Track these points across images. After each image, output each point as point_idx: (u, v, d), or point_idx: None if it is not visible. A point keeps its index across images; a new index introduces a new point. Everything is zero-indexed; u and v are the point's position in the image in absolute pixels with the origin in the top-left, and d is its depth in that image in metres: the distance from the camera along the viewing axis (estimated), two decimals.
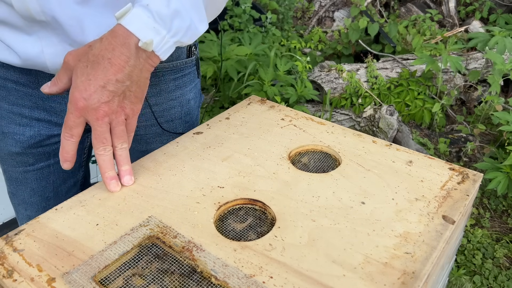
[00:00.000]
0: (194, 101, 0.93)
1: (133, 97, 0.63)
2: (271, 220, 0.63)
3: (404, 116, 2.46)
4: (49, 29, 0.68)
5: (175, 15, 0.61)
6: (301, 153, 0.78)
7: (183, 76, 0.88)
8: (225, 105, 2.41)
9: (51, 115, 0.82)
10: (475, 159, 2.20)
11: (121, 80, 0.60)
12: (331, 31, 3.33)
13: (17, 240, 0.58)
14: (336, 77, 2.46)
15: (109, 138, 0.64)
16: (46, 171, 0.88)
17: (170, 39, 0.61)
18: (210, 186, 0.68)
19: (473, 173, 0.71)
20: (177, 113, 0.90)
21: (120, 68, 0.59)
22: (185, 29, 0.63)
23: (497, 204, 2.04)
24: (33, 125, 0.82)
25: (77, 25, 0.67)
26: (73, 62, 0.62)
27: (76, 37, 0.68)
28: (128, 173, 0.67)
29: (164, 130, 0.89)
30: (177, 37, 0.62)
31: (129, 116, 0.64)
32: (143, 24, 0.59)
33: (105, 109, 0.61)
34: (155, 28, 0.59)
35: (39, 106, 0.81)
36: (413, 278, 0.53)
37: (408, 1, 3.55)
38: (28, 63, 0.72)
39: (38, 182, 0.89)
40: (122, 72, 0.60)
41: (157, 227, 0.60)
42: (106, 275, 0.54)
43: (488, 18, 3.22)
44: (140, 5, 0.59)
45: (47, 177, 0.89)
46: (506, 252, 1.79)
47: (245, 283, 0.52)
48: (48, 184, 0.90)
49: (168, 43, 0.62)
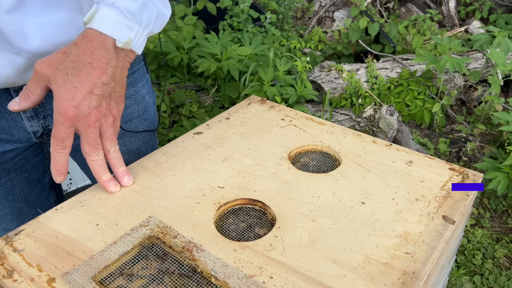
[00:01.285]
0: (149, 97, 0.90)
1: (117, 97, 0.63)
2: (271, 220, 0.63)
3: (404, 116, 2.46)
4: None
5: (143, 7, 0.60)
6: (301, 153, 0.78)
7: (133, 72, 0.84)
8: (225, 105, 2.41)
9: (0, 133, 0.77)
10: (475, 159, 2.20)
11: (106, 82, 0.59)
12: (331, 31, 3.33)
13: (17, 240, 0.58)
14: (336, 77, 2.46)
15: (100, 143, 0.63)
16: (10, 184, 0.84)
17: (143, 32, 0.61)
18: (210, 186, 0.68)
19: (473, 173, 0.71)
20: (134, 112, 0.86)
21: (102, 70, 0.59)
22: (155, 19, 0.63)
23: (497, 204, 2.04)
24: None
25: (18, 31, 0.62)
26: (48, 71, 0.59)
27: (19, 43, 0.63)
28: (126, 174, 0.67)
29: (124, 130, 0.85)
30: (148, 29, 0.62)
31: (115, 116, 0.63)
32: (114, 24, 0.58)
33: (96, 114, 0.60)
34: (127, 24, 0.59)
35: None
36: (413, 278, 0.53)
37: (408, 1, 3.55)
38: None
39: (5, 197, 0.85)
40: (106, 74, 0.59)
41: (157, 227, 0.60)
42: (106, 275, 0.54)
43: (488, 18, 3.22)
44: (106, 4, 0.58)
45: (12, 190, 0.85)
46: (506, 252, 1.79)
47: (245, 283, 0.52)
48: (16, 196, 0.86)
49: (142, 37, 0.62)
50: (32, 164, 0.86)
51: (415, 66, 2.54)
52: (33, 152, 0.85)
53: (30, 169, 0.86)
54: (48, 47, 0.66)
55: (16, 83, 0.69)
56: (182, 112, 2.33)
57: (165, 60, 2.45)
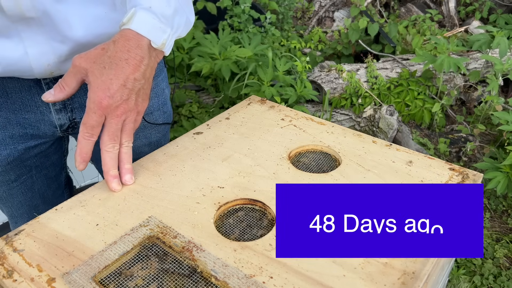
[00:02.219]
0: (167, 90, 0.94)
1: (144, 94, 0.66)
2: (271, 220, 0.63)
3: (404, 116, 2.46)
4: (35, 27, 0.66)
5: (175, 13, 0.66)
6: (301, 153, 0.78)
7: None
8: (225, 105, 2.41)
9: (26, 127, 0.79)
10: (475, 159, 2.20)
11: (138, 79, 0.64)
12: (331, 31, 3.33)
13: (17, 240, 0.58)
14: (336, 77, 2.46)
15: (119, 136, 0.65)
16: (30, 182, 0.87)
17: (173, 35, 0.67)
18: (210, 186, 0.68)
19: (473, 173, 0.71)
20: (155, 104, 0.89)
21: (136, 67, 0.63)
22: (184, 24, 0.68)
23: (497, 204, 2.04)
24: (7, 143, 0.79)
25: (65, 20, 0.67)
26: (87, 64, 0.63)
27: (65, 31, 0.68)
28: (129, 172, 0.68)
29: (147, 122, 0.88)
30: (178, 33, 0.68)
31: (139, 113, 0.67)
32: (151, 26, 0.63)
33: (125, 107, 0.63)
34: (161, 28, 0.64)
35: (11, 121, 0.78)
36: (413, 278, 0.53)
37: (408, 1, 3.55)
38: (9, 69, 0.69)
39: (24, 194, 0.87)
40: (139, 71, 0.63)
41: (157, 227, 0.60)
42: (106, 275, 0.54)
43: (488, 18, 3.22)
44: (143, 8, 0.63)
45: (31, 187, 0.87)
46: (506, 252, 1.79)
47: (245, 283, 0.52)
48: (34, 193, 0.89)
49: (172, 40, 0.67)
50: (52, 161, 0.89)
51: (415, 66, 2.54)
52: (54, 150, 0.88)
53: (49, 166, 0.89)
54: (89, 37, 0.70)
55: (54, 72, 0.72)
56: (182, 112, 2.33)
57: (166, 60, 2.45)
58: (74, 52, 0.70)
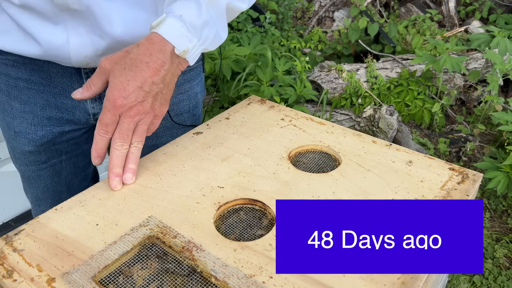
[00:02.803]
0: (201, 95, 0.96)
1: (163, 99, 0.67)
2: (271, 220, 0.63)
3: (404, 116, 2.46)
4: (79, 18, 0.70)
5: (205, 25, 0.67)
6: (301, 153, 0.78)
7: (191, 70, 0.91)
8: (225, 105, 2.41)
9: (63, 112, 0.84)
10: (475, 159, 2.20)
11: (156, 83, 0.65)
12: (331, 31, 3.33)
13: (17, 240, 0.58)
14: (336, 77, 2.46)
15: (130, 136, 0.66)
16: (59, 166, 0.90)
17: (199, 47, 0.68)
18: (210, 186, 0.68)
19: (473, 173, 0.71)
20: (185, 107, 0.92)
21: (156, 71, 0.64)
22: (212, 38, 0.69)
23: (497, 204, 2.04)
24: (44, 124, 0.84)
25: (106, 17, 0.70)
26: (110, 65, 0.65)
27: (105, 27, 0.71)
28: (131, 171, 0.68)
29: (174, 123, 0.92)
30: (205, 45, 0.68)
31: (156, 117, 0.68)
32: (177, 33, 0.65)
33: (139, 108, 0.64)
34: (188, 37, 0.65)
35: (51, 103, 0.83)
36: (413, 278, 0.53)
37: (408, 1, 3.55)
38: (50, 53, 0.73)
39: (51, 178, 0.91)
40: (158, 75, 0.64)
41: (157, 227, 0.60)
42: (106, 275, 0.54)
43: (488, 18, 3.21)
44: (174, 16, 0.65)
45: (59, 172, 0.91)
46: (506, 252, 1.79)
47: (245, 283, 0.52)
48: (61, 180, 0.92)
49: (197, 50, 0.67)
50: (82, 150, 0.92)
51: (415, 66, 2.54)
52: (86, 139, 0.91)
53: (79, 155, 0.92)
54: (126, 36, 0.73)
55: (90, 64, 0.76)
56: None
57: None
58: (111, 48, 0.73)
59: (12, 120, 0.84)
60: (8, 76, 0.80)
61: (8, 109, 0.84)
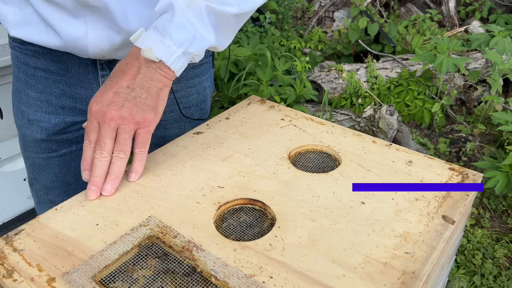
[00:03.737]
0: (209, 89, 0.98)
1: (143, 104, 0.66)
2: (271, 220, 0.63)
3: (404, 116, 2.46)
4: (97, 14, 0.73)
5: (179, 28, 0.66)
6: (301, 153, 0.78)
7: (201, 65, 0.92)
8: (225, 105, 2.41)
9: (77, 101, 0.86)
10: (475, 159, 2.20)
11: (131, 87, 0.66)
12: (331, 31, 3.33)
13: (17, 240, 0.58)
14: (336, 77, 2.46)
15: (109, 145, 0.65)
16: (68, 157, 0.91)
17: (177, 49, 0.67)
18: (210, 186, 0.68)
19: (473, 173, 0.72)
20: (194, 100, 0.94)
21: (132, 76, 0.66)
22: (191, 40, 0.67)
23: (497, 204, 2.04)
24: (58, 113, 0.86)
25: (123, 14, 0.73)
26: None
27: (121, 23, 0.74)
28: (111, 183, 0.66)
29: (183, 115, 0.93)
30: (184, 47, 0.67)
31: (139, 124, 0.66)
32: (152, 41, 0.66)
33: (113, 113, 0.64)
34: (162, 41, 0.66)
35: (66, 93, 0.85)
36: (413, 278, 0.53)
37: (408, 1, 3.55)
38: (69, 45, 0.76)
39: (60, 168, 0.92)
40: (134, 80, 0.66)
41: (157, 227, 0.60)
42: (106, 275, 0.54)
43: (488, 18, 3.21)
44: (151, 27, 0.68)
45: (69, 163, 0.92)
46: (506, 252, 1.79)
47: (245, 283, 0.52)
48: (70, 170, 0.93)
49: (175, 53, 0.66)
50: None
51: (415, 66, 2.54)
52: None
53: None
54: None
55: (106, 56, 0.79)
56: None
57: None
58: (126, 43, 0.76)
59: (27, 108, 0.87)
60: (27, 65, 0.84)
61: (24, 98, 0.86)
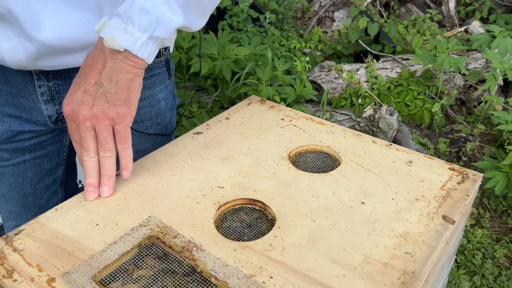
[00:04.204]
0: (165, 102, 0.92)
1: (114, 99, 0.63)
2: (271, 220, 0.63)
3: (404, 116, 2.46)
4: (6, 22, 0.67)
5: (141, 11, 0.61)
6: (301, 153, 0.78)
7: (152, 76, 0.87)
8: (225, 105, 2.41)
9: (21, 111, 0.81)
10: (475, 159, 2.20)
11: (99, 82, 0.62)
12: (331, 31, 3.33)
13: (17, 240, 0.58)
14: (336, 77, 2.46)
15: (92, 144, 0.64)
16: (22, 167, 0.87)
17: (141, 35, 0.61)
18: (210, 186, 0.68)
19: (473, 173, 0.71)
20: (147, 114, 0.89)
21: (98, 71, 0.62)
22: (155, 23, 0.62)
23: (497, 204, 2.04)
24: (4, 121, 0.82)
25: (33, 20, 0.66)
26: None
27: (31, 32, 0.67)
28: (106, 183, 0.66)
29: (134, 130, 0.87)
30: (148, 32, 0.62)
31: (114, 120, 0.64)
32: (115, 29, 0.61)
33: (85, 113, 0.62)
34: (125, 28, 0.61)
35: (9, 102, 0.80)
36: (413, 278, 0.53)
37: (408, 1, 3.55)
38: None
39: (15, 177, 0.88)
40: (100, 75, 0.62)
41: (157, 227, 0.60)
42: (106, 275, 0.54)
43: (488, 18, 3.21)
44: (114, 14, 0.62)
45: (23, 173, 0.88)
46: (506, 252, 1.79)
47: (245, 283, 0.52)
48: (25, 181, 0.89)
49: (140, 39, 0.61)
50: (48, 152, 0.89)
51: (415, 66, 2.54)
52: (51, 139, 0.88)
53: (44, 156, 0.89)
54: (59, 41, 0.69)
55: (28, 67, 0.72)
56: (182, 112, 2.33)
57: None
58: (43, 53, 0.69)
59: None
60: None
61: None
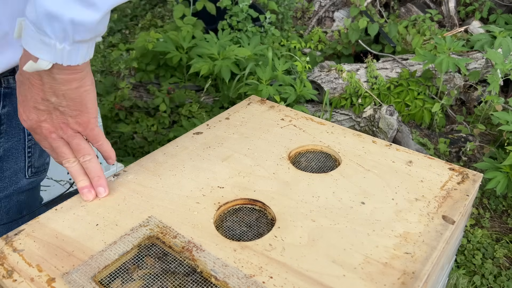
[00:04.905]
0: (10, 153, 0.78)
1: (69, 111, 0.60)
2: (271, 220, 0.63)
3: (404, 116, 2.46)
4: None
5: (49, 19, 0.52)
6: (301, 153, 0.78)
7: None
8: (225, 105, 2.41)
9: None
10: (475, 159, 2.20)
11: (45, 98, 0.59)
12: (331, 31, 3.33)
13: (17, 240, 0.58)
14: (336, 77, 2.46)
15: (67, 151, 0.64)
16: None
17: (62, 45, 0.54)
18: (210, 186, 0.68)
19: (473, 173, 0.71)
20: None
21: (39, 88, 0.58)
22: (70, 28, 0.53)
23: (497, 204, 2.04)
24: None
25: None
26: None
27: None
28: (99, 184, 0.66)
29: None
30: (68, 40, 0.54)
31: (78, 129, 0.62)
32: (32, 39, 0.54)
33: (47, 126, 0.61)
34: (42, 40, 0.54)
35: None
36: (413, 278, 0.53)
37: (408, 1, 3.55)
38: None
39: None
40: (43, 91, 0.58)
41: (157, 227, 0.60)
42: (106, 275, 0.54)
43: (488, 18, 3.21)
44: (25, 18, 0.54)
45: None
46: (506, 252, 1.79)
47: (245, 283, 0.52)
48: None
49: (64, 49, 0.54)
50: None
51: (415, 66, 2.54)
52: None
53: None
54: None
55: None
56: (182, 112, 2.33)
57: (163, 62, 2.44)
58: None
59: None
60: None
61: None
